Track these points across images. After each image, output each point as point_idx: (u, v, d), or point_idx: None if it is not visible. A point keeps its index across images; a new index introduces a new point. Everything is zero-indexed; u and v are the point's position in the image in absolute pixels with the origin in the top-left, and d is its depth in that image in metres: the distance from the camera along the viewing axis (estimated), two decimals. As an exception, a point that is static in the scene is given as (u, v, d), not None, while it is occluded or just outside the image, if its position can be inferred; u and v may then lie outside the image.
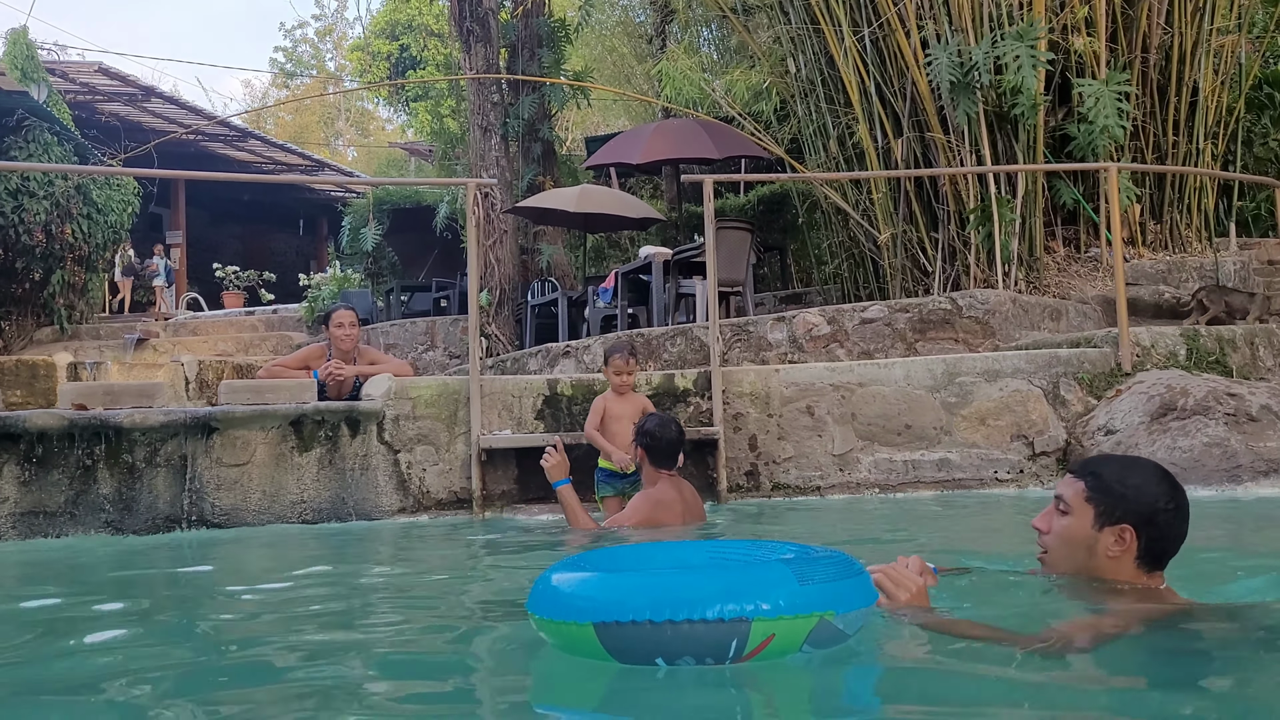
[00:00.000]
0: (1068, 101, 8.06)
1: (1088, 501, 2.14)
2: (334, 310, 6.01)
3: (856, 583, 1.81)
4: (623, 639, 1.68)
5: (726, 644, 1.65)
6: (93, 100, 17.04)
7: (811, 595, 1.70)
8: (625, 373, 5.16)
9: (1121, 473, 2.15)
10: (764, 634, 1.66)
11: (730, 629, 1.65)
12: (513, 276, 11.05)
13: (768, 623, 1.66)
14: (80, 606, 3.21)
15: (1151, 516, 2.10)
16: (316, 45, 43.83)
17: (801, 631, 1.69)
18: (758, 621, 1.65)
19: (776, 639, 1.67)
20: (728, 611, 1.64)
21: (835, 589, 1.75)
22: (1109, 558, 2.12)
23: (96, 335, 13.87)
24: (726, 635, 1.65)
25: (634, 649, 1.69)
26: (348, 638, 2.52)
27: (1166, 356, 5.82)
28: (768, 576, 1.72)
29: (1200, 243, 8.44)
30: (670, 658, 1.67)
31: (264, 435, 5.11)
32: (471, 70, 11.28)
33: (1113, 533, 2.12)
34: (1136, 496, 2.10)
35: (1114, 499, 2.12)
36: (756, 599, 1.66)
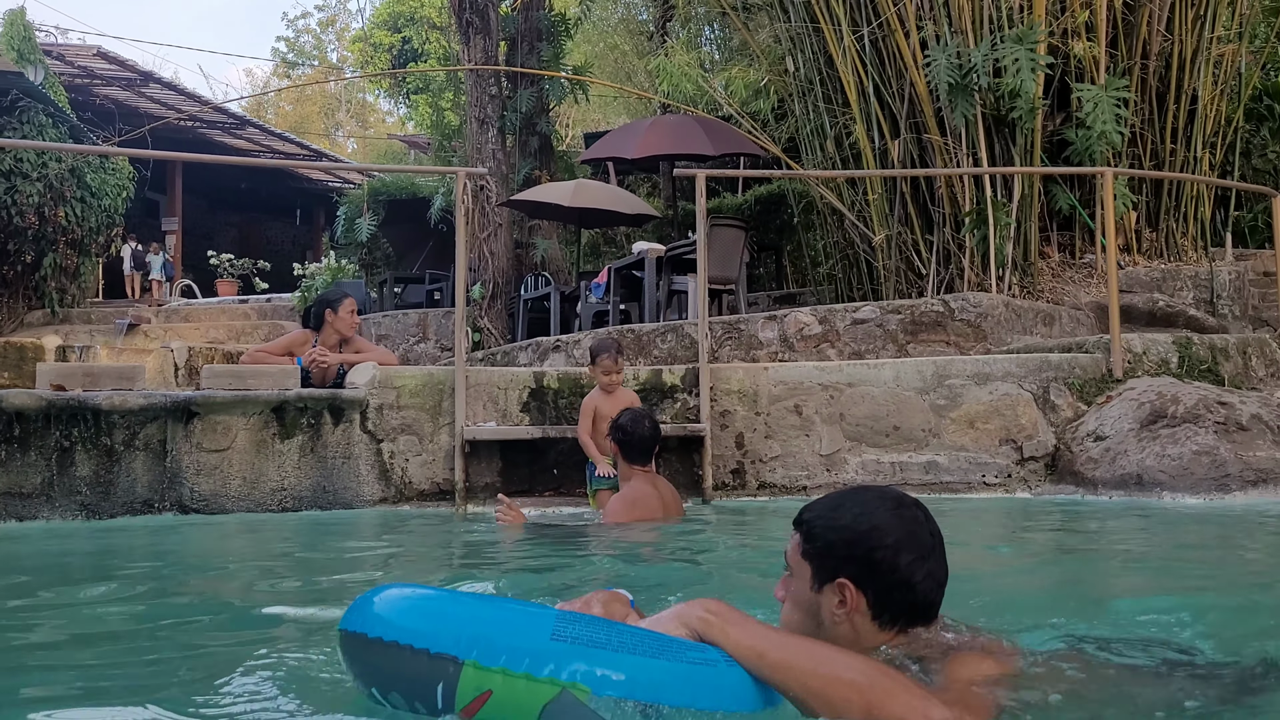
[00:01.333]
0: (1066, 106, 8.02)
1: (804, 558, 1.70)
2: (345, 296, 5.86)
3: (660, 665, 1.41)
4: (350, 655, 1.50)
5: (431, 686, 1.39)
6: (90, 84, 16.96)
7: (559, 655, 1.38)
8: (614, 371, 5.12)
9: (830, 513, 1.71)
10: (477, 687, 1.37)
11: (435, 668, 1.39)
12: (506, 270, 10.99)
13: (483, 674, 1.38)
14: (49, 590, 3.15)
15: (870, 562, 1.64)
16: (319, 36, 43.73)
17: (531, 700, 1.36)
18: (470, 667, 1.38)
19: (496, 700, 1.37)
20: (436, 645, 1.40)
21: (604, 658, 1.39)
22: (836, 624, 1.66)
23: (88, 319, 13.80)
24: (430, 675, 1.40)
25: (355, 667, 1.50)
26: (311, 622, 2.48)
27: (1158, 364, 5.78)
28: (514, 620, 1.45)
29: (1196, 252, 8.41)
30: (383, 687, 1.45)
31: (245, 421, 5.06)
32: (470, 63, 11.22)
33: (832, 591, 1.66)
34: (846, 540, 1.66)
35: (824, 548, 1.68)
36: (477, 641, 1.39)
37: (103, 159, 13.64)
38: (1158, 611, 2.52)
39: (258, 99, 38.92)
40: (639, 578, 3.19)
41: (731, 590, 3.01)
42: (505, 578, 3.35)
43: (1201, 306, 7.66)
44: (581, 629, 1.43)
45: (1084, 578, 3.27)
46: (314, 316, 5.87)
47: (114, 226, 14.51)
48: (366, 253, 14.75)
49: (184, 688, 1.84)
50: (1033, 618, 2.34)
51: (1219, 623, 2.30)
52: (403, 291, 12.96)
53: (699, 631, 1.48)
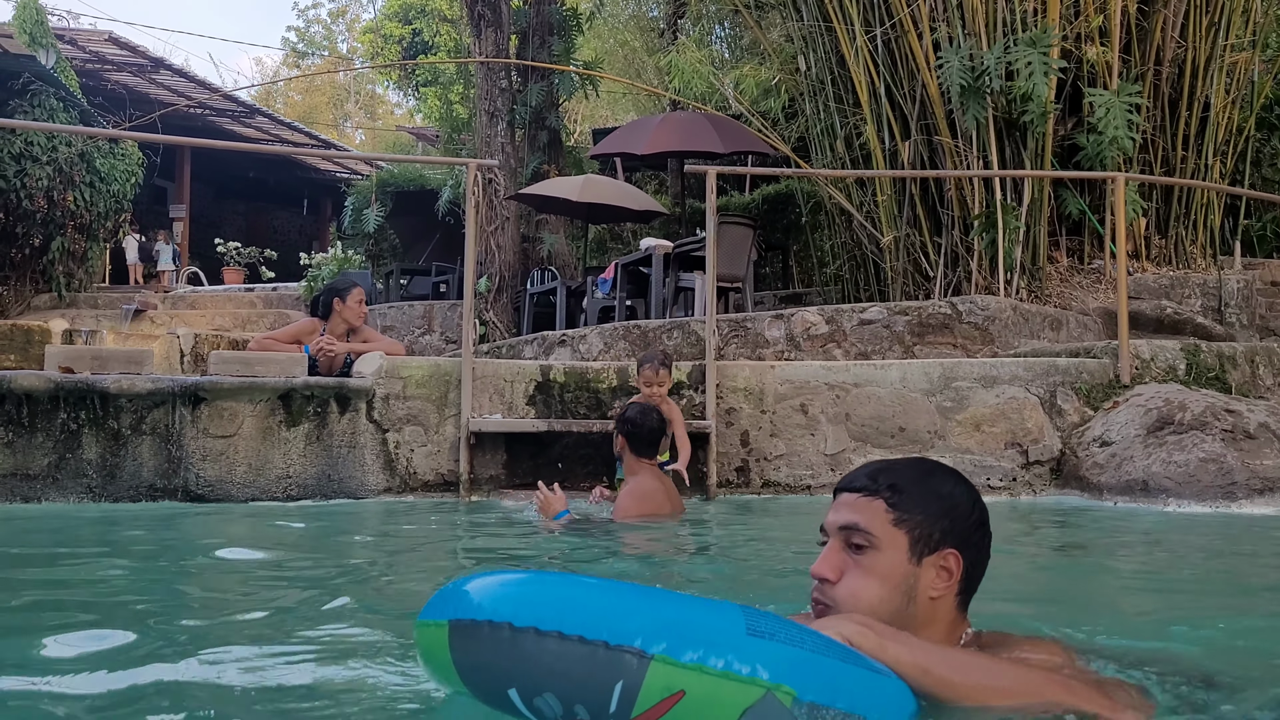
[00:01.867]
0: (1078, 111, 8.01)
1: (898, 527, 1.52)
2: (354, 286, 5.86)
3: (854, 671, 1.26)
4: (474, 649, 1.22)
5: (609, 685, 1.15)
6: (101, 69, 16.97)
7: (760, 652, 1.20)
8: (655, 384, 5.09)
9: (924, 480, 1.57)
10: (667, 687, 1.15)
11: (612, 663, 1.15)
12: (513, 264, 11.00)
13: (675, 670, 1.15)
14: (53, 571, 3.16)
15: (971, 535, 1.56)
16: (329, 26, 43.75)
17: (731, 702, 1.16)
18: (659, 663, 1.15)
19: (689, 702, 1.15)
20: (616, 635, 1.16)
21: (805, 660, 1.22)
22: (932, 600, 1.53)
23: (94, 304, 13.81)
24: (606, 672, 1.15)
25: (485, 666, 1.21)
26: (314, 612, 2.48)
27: (1166, 370, 5.78)
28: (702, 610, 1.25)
29: (1205, 259, 8.40)
30: (529, 689, 1.18)
31: (252, 408, 5.06)
32: (481, 55, 11.22)
33: (934, 564, 1.53)
34: (949, 510, 1.55)
35: (930, 516, 1.53)
36: (666, 632, 1.17)
37: (112, 144, 13.65)
38: (1157, 621, 2.52)
39: (267, 88, 38.95)
40: (657, 573, 3.20)
41: (758, 586, 3.01)
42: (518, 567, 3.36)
43: (1209, 314, 7.65)
44: (775, 625, 1.26)
45: (1084, 584, 3.26)
46: (322, 305, 5.87)
47: (122, 212, 14.53)
48: (373, 243, 14.76)
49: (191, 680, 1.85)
50: (1029, 624, 2.33)
51: (1221, 635, 2.30)
52: (409, 283, 12.96)
53: (854, 644, 1.36)
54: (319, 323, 5.85)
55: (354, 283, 5.95)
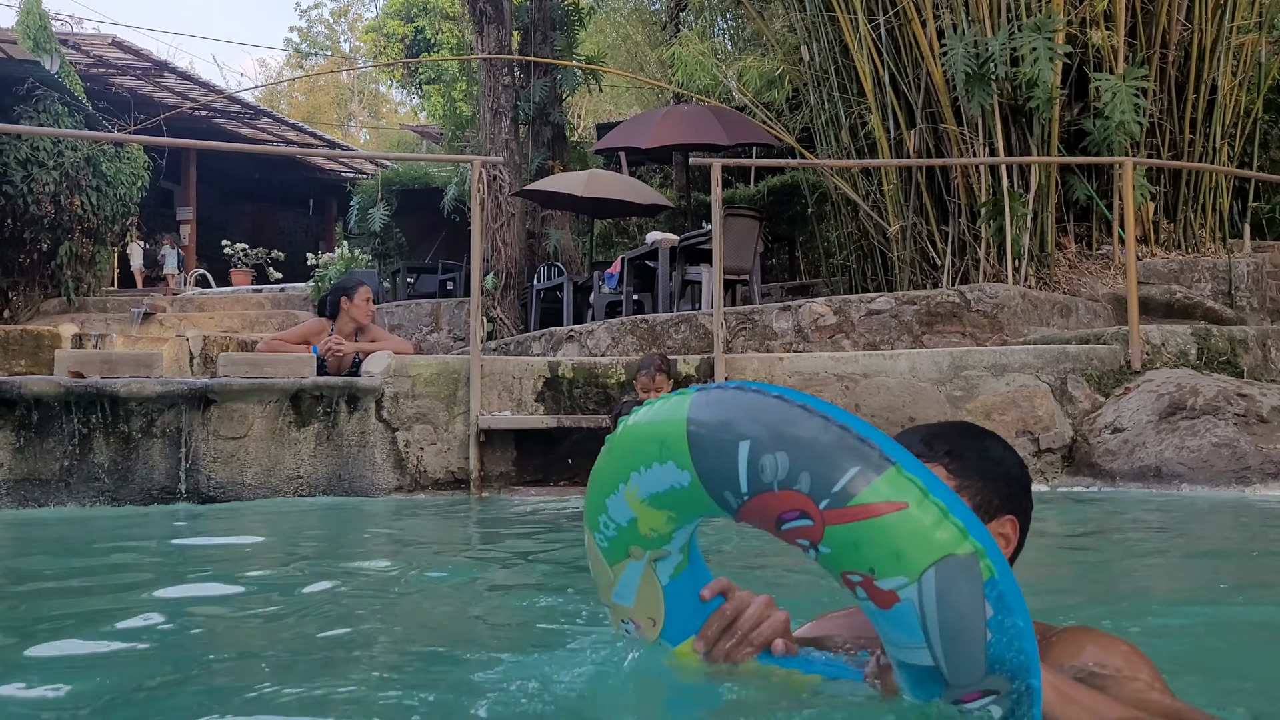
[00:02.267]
0: (1084, 96, 7.97)
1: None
2: (360, 284, 5.84)
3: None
4: (717, 405, 1.19)
5: (844, 466, 1.09)
6: (105, 73, 16.99)
7: (978, 528, 1.12)
8: (650, 389, 5.10)
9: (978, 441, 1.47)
10: (895, 492, 1.09)
11: (856, 448, 1.10)
12: (519, 260, 10.99)
13: (908, 484, 1.09)
14: (68, 577, 3.17)
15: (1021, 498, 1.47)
16: (331, 26, 43.73)
17: (942, 541, 1.08)
18: (897, 470, 1.09)
19: (902, 518, 1.08)
20: (860, 427, 1.12)
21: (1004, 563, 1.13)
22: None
23: (103, 308, 13.84)
24: (850, 455, 1.10)
25: (724, 421, 1.17)
26: (335, 611, 2.48)
27: (1177, 355, 5.75)
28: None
29: (1214, 243, 8.35)
30: (761, 446, 1.13)
31: (262, 409, 5.07)
32: (484, 52, 11.21)
33: (994, 532, 1.41)
34: (1006, 474, 1.44)
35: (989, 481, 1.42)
36: (896, 449, 1.13)
37: (118, 148, 13.68)
38: (1171, 606, 2.51)
39: (271, 89, 38.98)
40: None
41: (789, 574, 3.01)
42: (529, 565, 3.36)
43: (1219, 298, 7.61)
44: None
45: (1101, 572, 3.25)
46: (329, 305, 5.88)
47: (129, 216, 14.55)
48: (379, 242, 14.77)
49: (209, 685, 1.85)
50: (1044, 616, 2.32)
51: (1239, 619, 2.28)
52: (415, 281, 12.97)
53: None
54: (327, 322, 5.85)
55: (361, 281, 5.94)
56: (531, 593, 2.87)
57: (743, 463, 1.16)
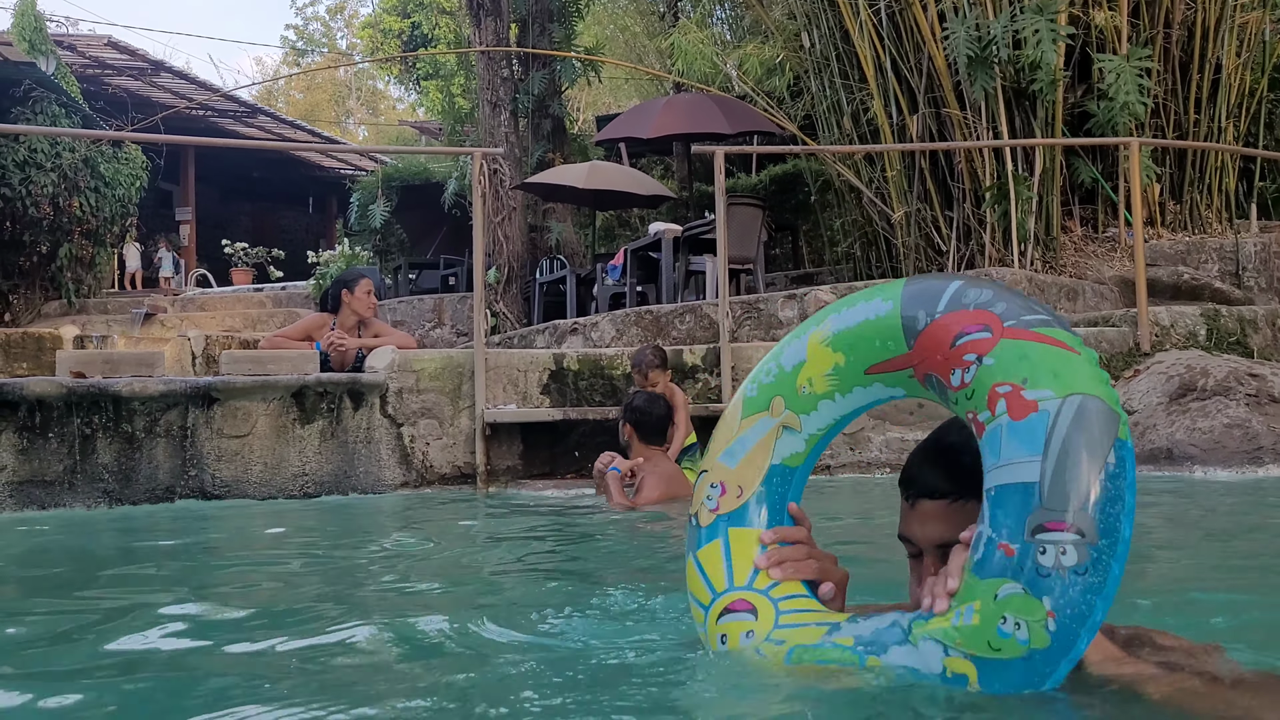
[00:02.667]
0: (1087, 78, 7.90)
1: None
2: (360, 276, 5.79)
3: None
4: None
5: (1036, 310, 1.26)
6: (101, 74, 16.94)
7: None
8: (645, 385, 5.03)
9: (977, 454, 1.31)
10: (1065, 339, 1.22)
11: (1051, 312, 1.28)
12: (521, 254, 10.95)
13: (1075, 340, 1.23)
14: (78, 578, 3.14)
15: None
16: (328, 23, 43.63)
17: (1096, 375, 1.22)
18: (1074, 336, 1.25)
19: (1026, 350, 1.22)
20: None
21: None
22: None
23: (104, 309, 13.81)
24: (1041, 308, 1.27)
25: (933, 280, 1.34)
26: (344, 609, 2.45)
27: (1186, 337, 5.70)
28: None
29: (1220, 224, 8.29)
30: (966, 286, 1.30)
31: (265, 406, 5.03)
32: (482, 45, 11.15)
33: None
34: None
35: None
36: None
37: (115, 149, 13.64)
38: (1187, 589, 2.47)
39: (268, 88, 38.91)
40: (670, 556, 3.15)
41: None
42: (544, 559, 3.32)
43: (1227, 279, 7.56)
44: None
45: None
46: (331, 299, 5.83)
47: (128, 216, 14.52)
48: (380, 239, 14.73)
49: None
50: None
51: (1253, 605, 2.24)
52: (417, 277, 12.94)
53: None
54: (329, 317, 5.80)
55: (362, 274, 5.90)
56: (543, 583, 2.84)
57: (948, 292, 1.31)
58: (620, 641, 1.91)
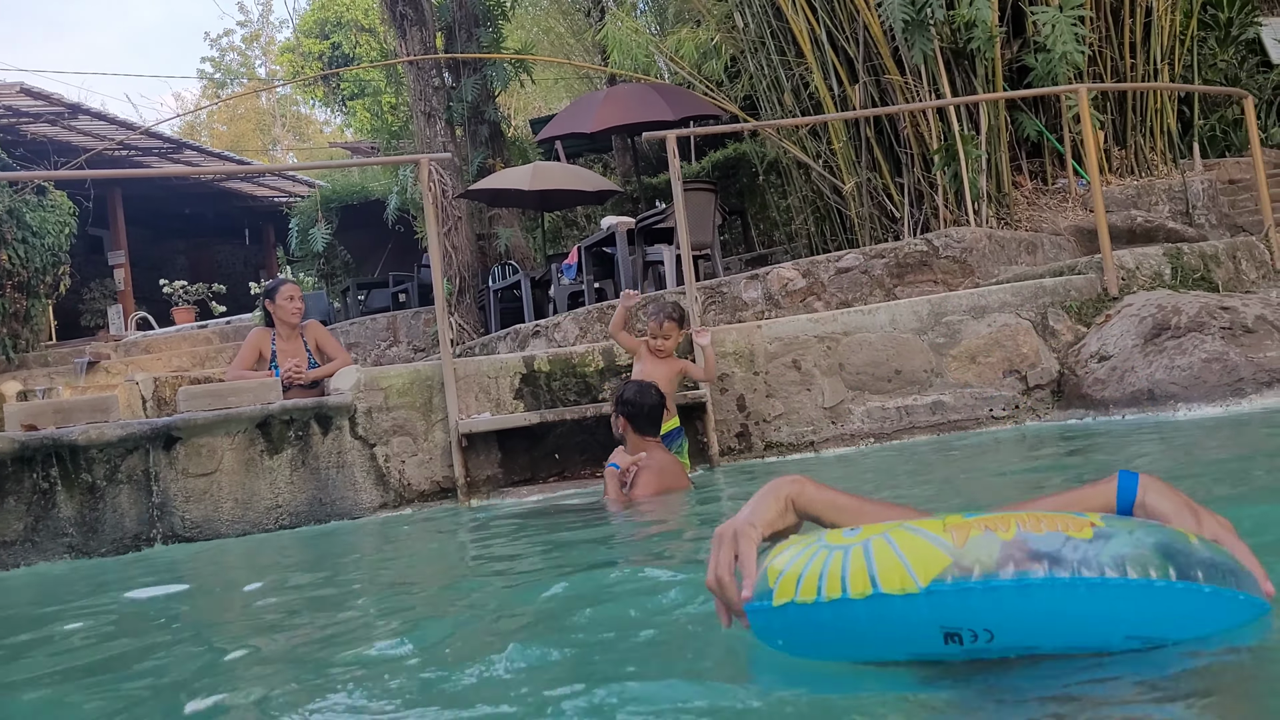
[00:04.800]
0: (1023, 32, 7.93)
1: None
2: (281, 284, 5.87)
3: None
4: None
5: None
6: (17, 122, 16.39)
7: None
8: (661, 337, 4.93)
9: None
10: None
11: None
12: (472, 263, 10.75)
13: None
14: (42, 640, 2.94)
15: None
16: (244, 52, 42.84)
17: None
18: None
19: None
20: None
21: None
22: None
23: (45, 362, 13.36)
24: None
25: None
26: (339, 643, 2.30)
27: (1152, 277, 5.71)
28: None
29: (1165, 165, 8.37)
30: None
31: (230, 440, 4.84)
32: (408, 55, 10.94)
33: None
34: None
35: None
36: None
37: (40, 197, 13.20)
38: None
39: (190, 122, 38.13)
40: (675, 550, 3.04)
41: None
42: (539, 569, 3.19)
43: (1178, 218, 7.63)
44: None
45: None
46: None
47: (60, 265, 14.06)
48: (324, 262, 14.44)
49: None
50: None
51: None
52: (366, 297, 12.69)
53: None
54: (267, 330, 5.77)
55: (280, 282, 5.91)
56: (536, 589, 2.71)
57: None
58: (630, 638, 1.80)
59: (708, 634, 1.68)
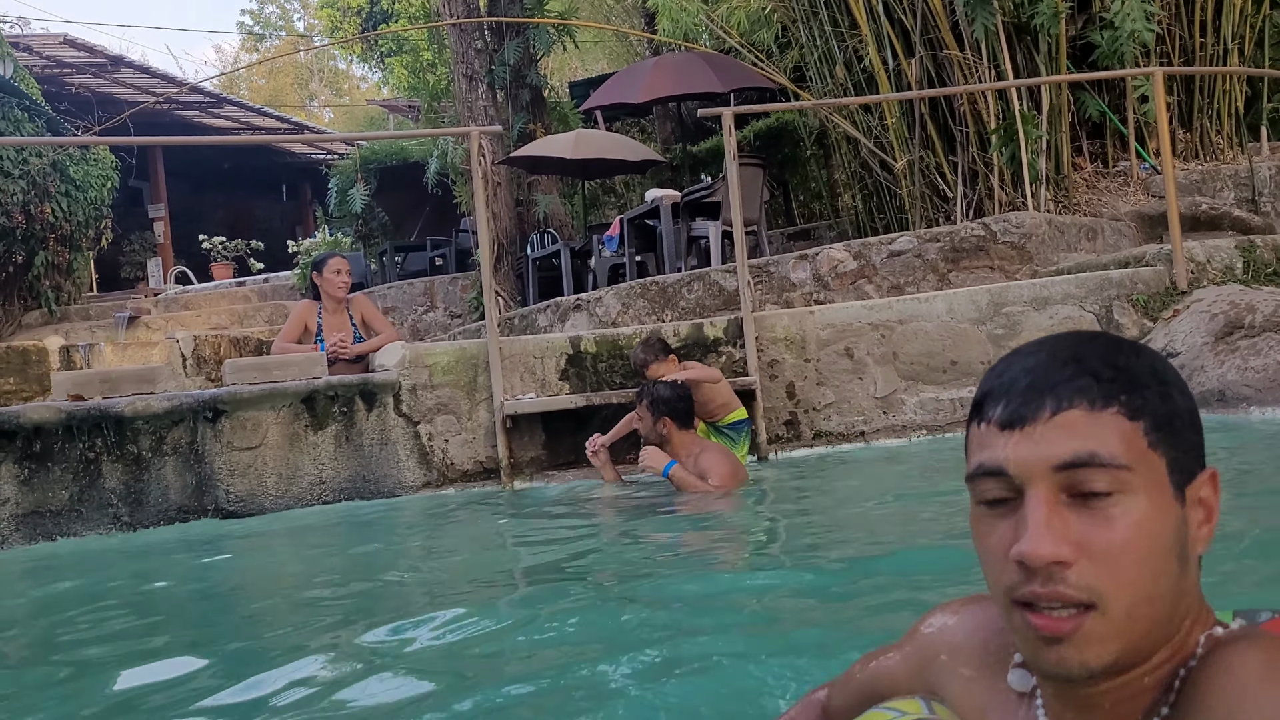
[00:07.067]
0: (1088, 8, 7.64)
1: (1155, 450, 0.87)
2: (328, 257, 5.78)
3: None
4: None
5: None
6: (61, 74, 16.42)
7: None
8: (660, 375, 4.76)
9: (1156, 365, 0.92)
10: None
11: None
12: (510, 230, 10.65)
13: None
14: (97, 614, 2.91)
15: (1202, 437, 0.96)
16: (284, 5, 42.68)
17: None
18: None
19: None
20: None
21: None
22: (1196, 562, 0.93)
23: (86, 315, 13.45)
24: None
25: None
26: (381, 626, 2.25)
27: (1223, 271, 5.51)
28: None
29: (1231, 149, 8.08)
30: None
31: (275, 415, 4.80)
32: (452, 17, 10.78)
33: (1197, 494, 0.91)
34: (1190, 403, 0.93)
35: (1184, 422, 0.90)
36: None
37: (83, 150, 13.22)
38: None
39: (229, 77, 38.09)
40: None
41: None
42: (591, 557, 3.12)
43: (1244, 205, 7.37)
44: None
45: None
46: (311, 287, 5.76)
47: (102, 219, 14.11)
48: (362, 224, 14.37)
49: None
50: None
51: None
52: (404, 261, 12.63)
53: None
54: (314, 302, 5.72)
55: (328, 256, 5.85)
56: (576, 587, 2.64)
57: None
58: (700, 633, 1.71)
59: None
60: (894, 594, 2.38)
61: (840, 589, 2.45)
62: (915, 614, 1.16)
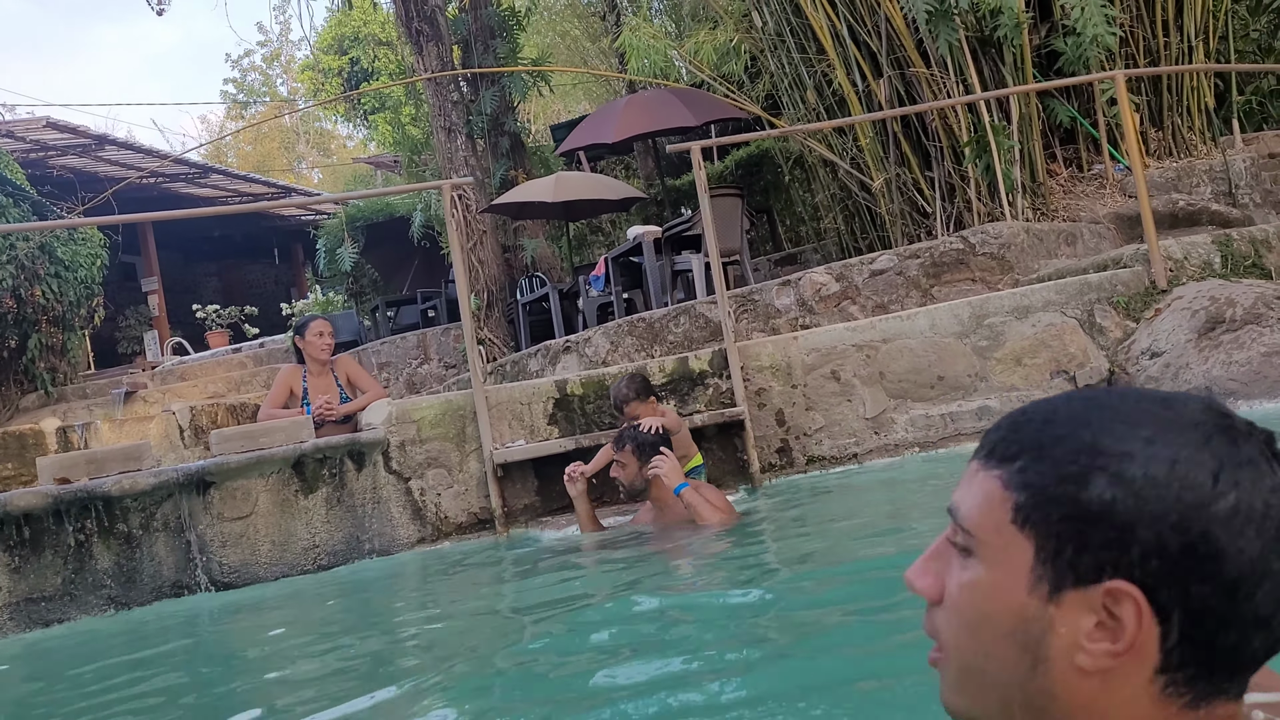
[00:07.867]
0: (1050, 16, 7.71)
1: (1023, 526, 0.80)
2: (310, 320, 5.80)
3: None
4: None
5: None
6: (45, 156, 16.57)
7: None
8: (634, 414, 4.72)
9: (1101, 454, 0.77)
10: None
11: None
12: (499, 277, 10.69)
13: None
14: (91, 698, 2.89)
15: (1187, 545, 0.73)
16: (265, 72, 43.16)
17: None
18: None
19: None
20: None
21: None
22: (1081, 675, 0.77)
23: (83, 394, 13.47)
24: None
25: None
26: (385, 694, 2.22)
27: (1201, 267, 5.51)
28: None
29: (1204, 144, 8.11)
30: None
31: (264, 482, 4.78)
32: (426, 71, 10.88)
33: (1088, 603, 0.77)
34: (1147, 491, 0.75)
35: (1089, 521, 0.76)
36: None
37: (71, 231, 13.31)
38: None
39: (216, 145, 38.46)
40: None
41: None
42: (572, 604, 3.09)
43: (1221, 199, 7.38)
44: None
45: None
46: (295, 350, 5.76)
47: (94, 297, 14.18)
48: (352, 281, 14.44)
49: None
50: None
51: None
52: (396, 315, 12.66)
53: None
54: (298, 366, 5.72)
55: (310, 319, 5.85)
56: (579, 633, 2.61)
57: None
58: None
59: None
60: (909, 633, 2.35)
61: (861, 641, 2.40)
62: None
